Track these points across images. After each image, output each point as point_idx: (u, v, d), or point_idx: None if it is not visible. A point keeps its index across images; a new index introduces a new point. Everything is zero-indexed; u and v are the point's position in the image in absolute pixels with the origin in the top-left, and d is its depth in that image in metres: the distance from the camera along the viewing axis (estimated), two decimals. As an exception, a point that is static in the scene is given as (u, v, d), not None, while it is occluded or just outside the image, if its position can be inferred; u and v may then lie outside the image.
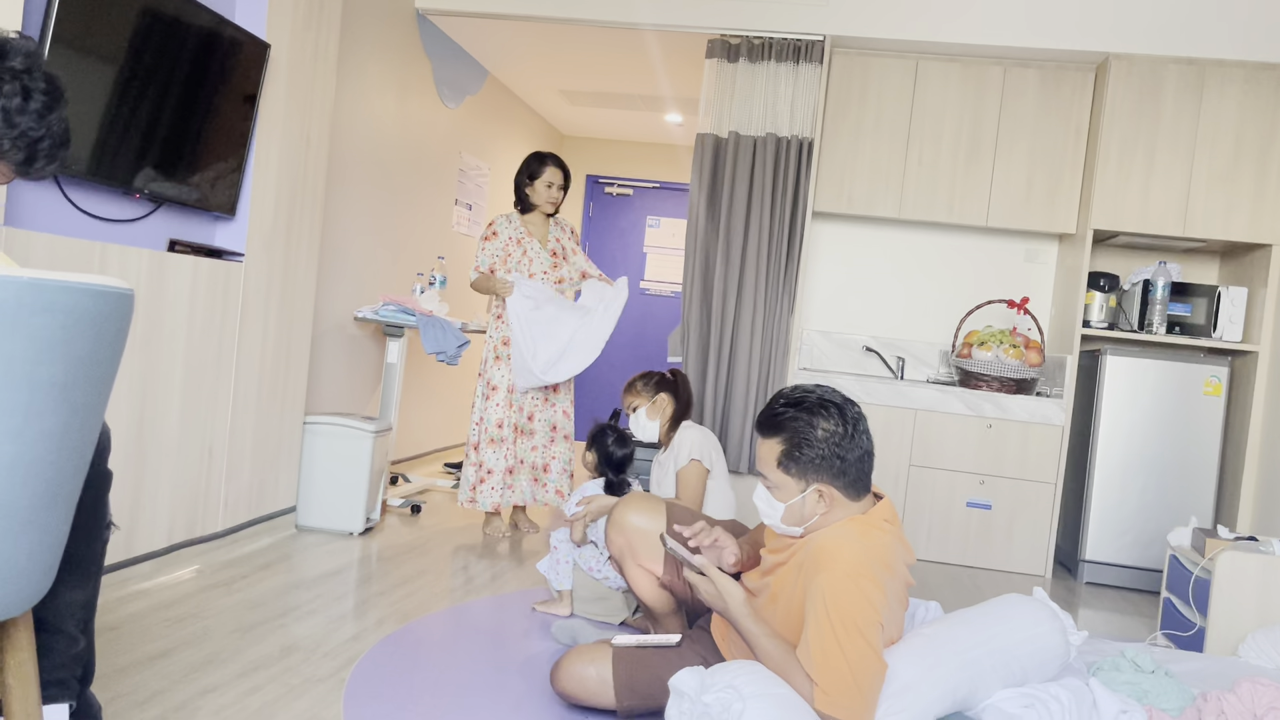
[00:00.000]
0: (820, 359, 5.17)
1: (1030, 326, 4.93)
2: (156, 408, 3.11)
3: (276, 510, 3.85)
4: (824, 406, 2.05)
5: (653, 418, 3.57)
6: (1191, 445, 4.43)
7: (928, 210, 4.77)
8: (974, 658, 2.03)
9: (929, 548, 4.61)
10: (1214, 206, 4.43)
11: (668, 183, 8.24)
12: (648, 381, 3.61)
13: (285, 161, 3.69)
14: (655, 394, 3.57)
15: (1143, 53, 4.44)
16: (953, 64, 4.75)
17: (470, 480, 4.24)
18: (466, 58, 6.00)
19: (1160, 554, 4.40)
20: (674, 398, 3.57)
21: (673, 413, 3.56)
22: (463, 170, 6.16)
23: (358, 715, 2.29)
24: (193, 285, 3.23)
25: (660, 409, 3.56)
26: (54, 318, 1.19)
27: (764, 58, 4.69)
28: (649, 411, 3.57)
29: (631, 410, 3.60)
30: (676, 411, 3.57)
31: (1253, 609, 3.04)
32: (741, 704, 1.82)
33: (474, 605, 3.25)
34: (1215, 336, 4.50)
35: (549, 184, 4.29)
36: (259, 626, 2.83)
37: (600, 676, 2.34)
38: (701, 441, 3.45)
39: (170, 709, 2.22)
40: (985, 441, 4.54)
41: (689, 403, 3.62)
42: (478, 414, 4.27)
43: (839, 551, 1.93)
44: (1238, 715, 2.27)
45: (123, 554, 3.02)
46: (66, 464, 1.30)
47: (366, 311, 4.54)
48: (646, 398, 3.57)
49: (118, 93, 2.86)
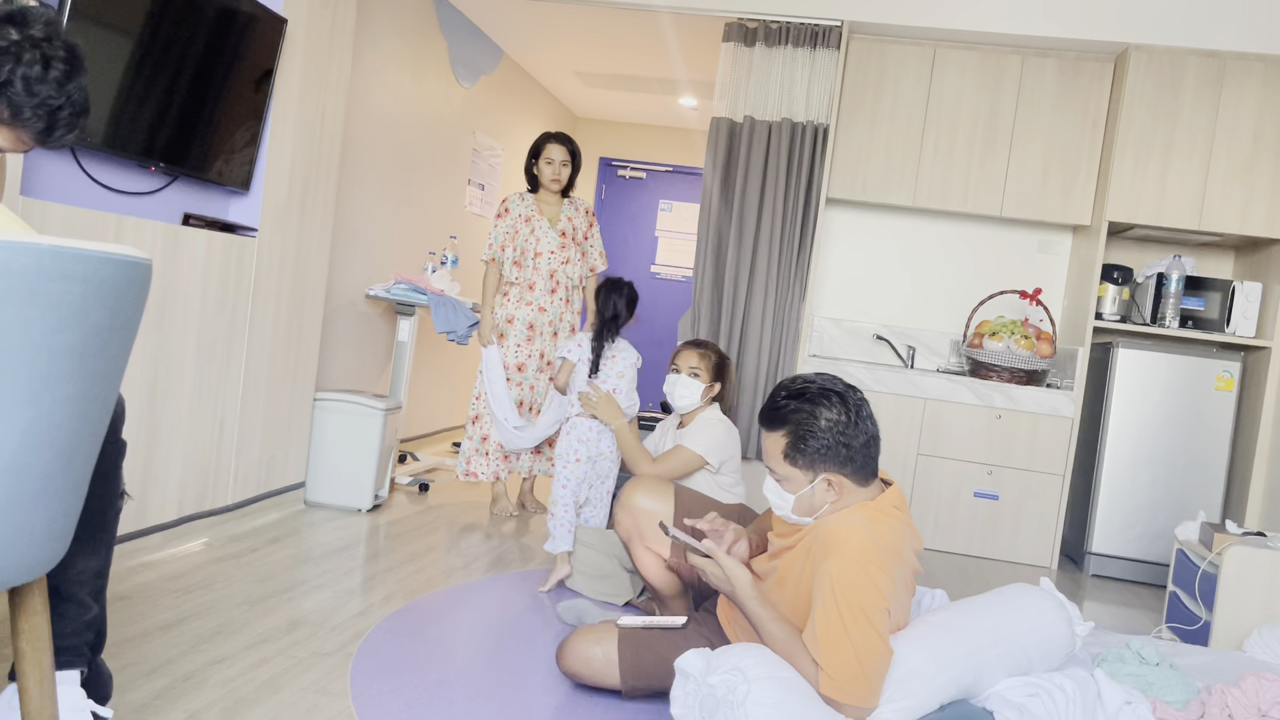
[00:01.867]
0: (830, 346, 5.16)
1: (1042, 318, 4.91)
2: (169, 381, 3.12)
3: (286, 485, 3.87)
4: (825, 396, 2.04)
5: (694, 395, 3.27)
6: (1201, 440, 4.42)
7: (942, 199, 4.75)
8: (980, 646, 2.04)
9: (936, 537, 4.61)
10: (1230, 200, 4.40)
11: (681, 166, 8.22)
12: (709, 359, 3.30)
13: (300, 138, 3.69)
14: (711, 380, 3.29)
15: (1163, 44, 4.40)
16: (970, 52, 4.72)
17: (466, 452, 4.29)
18: (482, 37, 5.98)
19: (1167, 548, 4.39)
20: (723, 388, 3.35)
21: (711, 399, 3.33)
22: (476, 150, 6.15)
23: (364, 689, 2.31)
24: (206, 259, 3.23)
25: (707, 394, 3.29)
26: (73, 285, 1.20)
27: (781, 42, 4.66)
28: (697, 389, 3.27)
29: (681, 371, 3.29)
30: (715, 398, 3.35)
31: (1259, 604, 3.04)
32: (746, 686, 1.83)
33: (480, 583, 3.27)
34: (1228, 331, 4.48)
35: (549, 160, 4.30)
36: (267, 600, 2.84)
37: (606, 657, 2.35)
38: (723, 443, 3.23)
39: (178, 679, 2.24)
40: (994, 432, 4.54)
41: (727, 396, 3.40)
42: (478, 389, 4.31)
43: (847, 537, 1.93)
44: (1242, 709, 2.27)
45: (133, 525, 3.04)
46: (83, 431, 1.31)
47: (378, 289, 4.54)
48: (705, 376, 3.27)
49: (134, 65, 2.86)
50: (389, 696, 2.28)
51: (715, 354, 3.33)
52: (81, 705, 1.69)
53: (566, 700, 2.39)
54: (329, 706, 2.20)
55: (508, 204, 4.33)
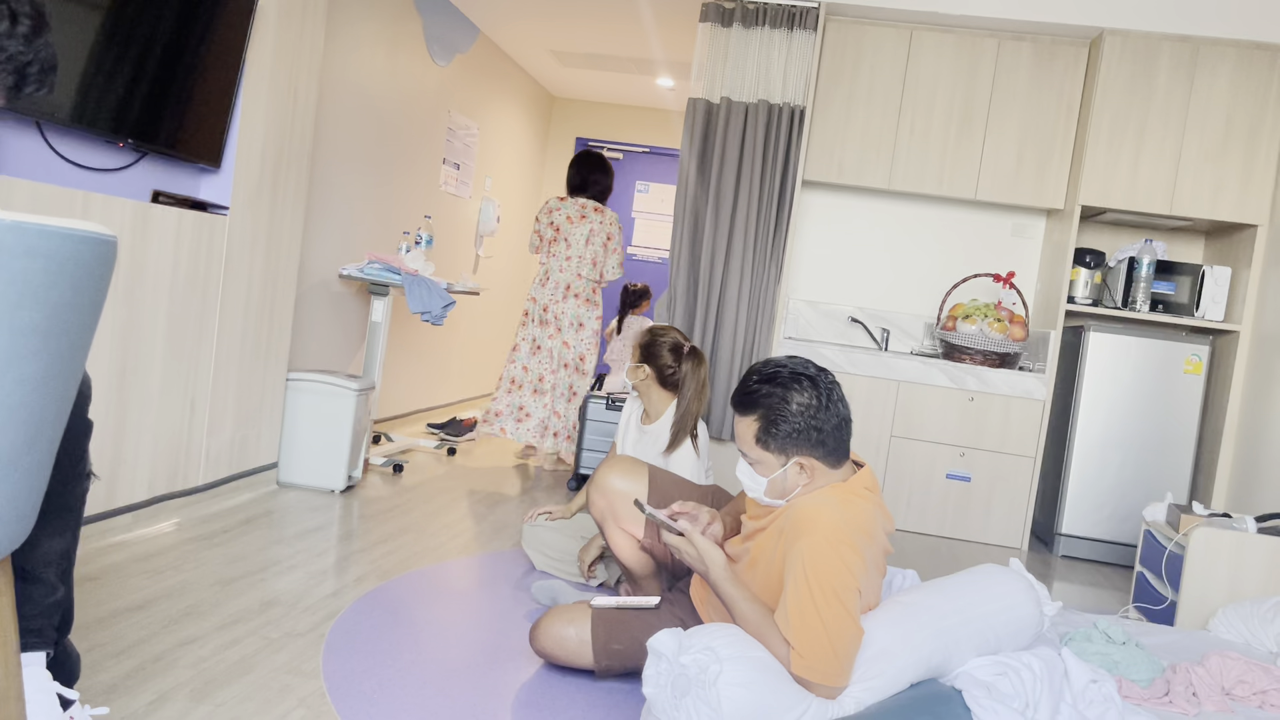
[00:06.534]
0: (805, 329, 5.17)
1: (1015, 301, 4.95)
2: (138, 360, 3.09)
3: (258, 466, 3.85)
4: (797, 380, 2.05)
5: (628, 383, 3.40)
6: (1170, 423, 4.47)
7: (918, 182, 4.76)
8: (949, 625, 2.06)
9: (908, 518, 4.64)
10: (1202, 186, 4.44)
11: (658, 147, 8.20)
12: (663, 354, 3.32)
13: (272, 115, 3.65)
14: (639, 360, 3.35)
15: (1137, 29, 4.43)
16: (947, 35, 4.72)
17: (500, 413, 4.99)
18: (457, 14, 5.93)
19: (1135, 529, 4.45)
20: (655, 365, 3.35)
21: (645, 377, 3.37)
22: (451, 129, 6.10)
23: (336, 670, 2.30)
24: (176, 237, 3.19)
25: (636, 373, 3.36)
26: (35, 261, 1.18)
27: (758, 23, 4.65)
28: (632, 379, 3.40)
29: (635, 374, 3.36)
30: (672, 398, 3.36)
31: (1224, 584, 3.09)
32: (718, 666, 1.84)
33: (454, 564, 3.26)
34: (1198, 315, 4.53)
35: None
36: (239, 580, 2.83)
37: (579, 637, 2.36)
38: (704, 455, 3.25)
39: (148, 659, 2.23)
40: (966, 414, 4.57)
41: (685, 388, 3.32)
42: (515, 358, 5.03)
43: (819, 518, 1.94)
44: (1206, 687, 2.31)
45: (103, 505, 3.01)
46: (47, 410, 1.29)
47: (352, 269, 4.51)
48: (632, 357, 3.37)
49: (102, 38, 2.81)
50: (361, 677, 2.28)
51: (646, 334, 3.39)
52: (47, 687, 1.67)
53: (539, 680, 2.39)
54: (301, 687, 2.19)
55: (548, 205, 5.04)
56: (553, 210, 4.98)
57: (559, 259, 4.95)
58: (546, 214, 4.98)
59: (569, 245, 4.93)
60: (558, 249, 4.95)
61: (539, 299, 4.97)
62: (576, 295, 4.94)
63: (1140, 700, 2.26)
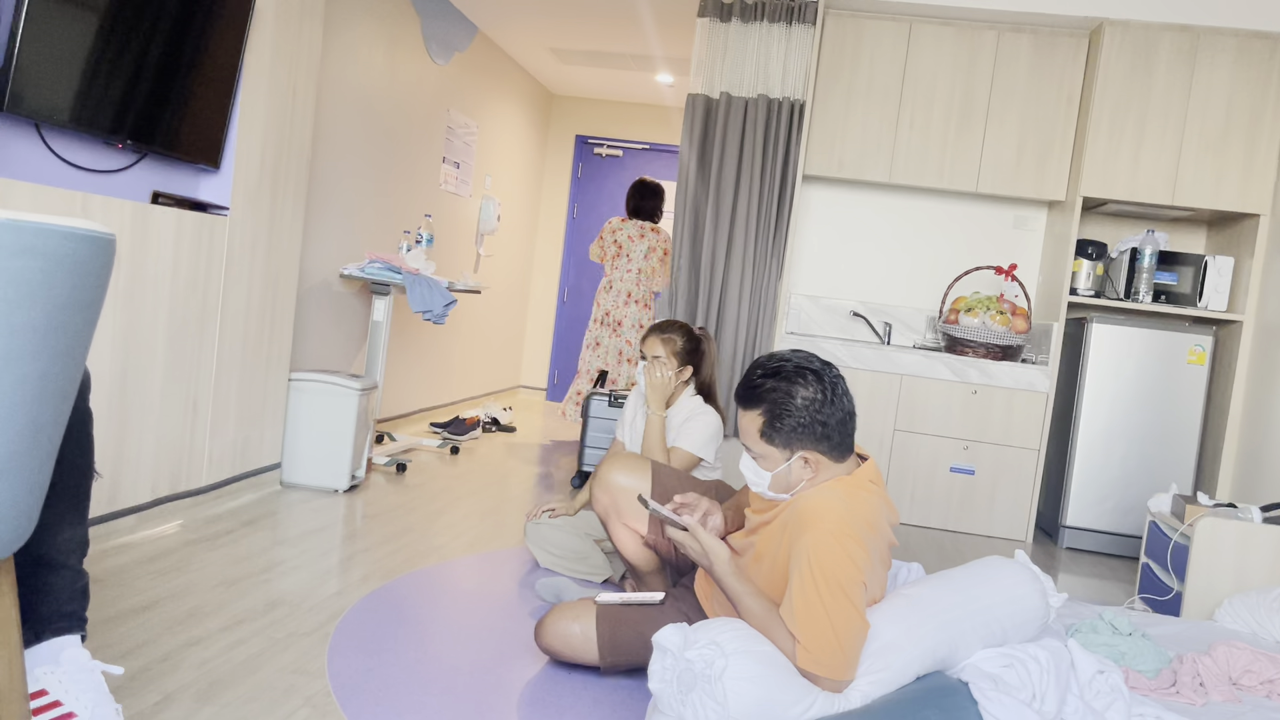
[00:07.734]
0: (807, 323, 5.17)
1: (1017, 293, 4.94)
2: (140, 362, 3.08)
3: (261, 466, 3.84)
4: (801, 374, 2.04)
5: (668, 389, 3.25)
6: (1174, 413, 4.46)
7: (918, 175, 4.75)
8: (955, 618, 2.05)
9: (912, 512, 4.64)
10: (1203, 175, 4.43)
11: (658, 144, 8.18)
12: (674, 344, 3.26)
13: (271, 114, 3.65)
14: (680, 364, 3.26)
15: (1137, 19, 4.41)
16: (946, 27, 4.71)
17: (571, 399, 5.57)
18: (455, 13, 5.92)
19: (1140, 520, 4.44)
20: (698, 369, 3.31)
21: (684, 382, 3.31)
22: (450, 128, 6.09)
23: (342, 669, 2.30)
24: (176, 238, 3.19)
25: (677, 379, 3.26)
26: (33, 261, 1.17)
27: (757, 18, 4.64)
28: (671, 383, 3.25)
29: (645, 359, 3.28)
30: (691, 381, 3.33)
31: (1230, 574, 3.08)
32: (724, 660, 1.83)
33: (458, 563, 3.26)
34: (1201, 306, 4.52)
35: None
36: (243, 581, 2.83)
37: (584, 633, 2.35)
38: (714, 436, 3.20)
39: (154, 660, 2.23)
40: (970, 407, 4.56)
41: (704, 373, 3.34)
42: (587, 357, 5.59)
43: (824, 511, 1.93)
44: (1213, 677, 2.30)
45: (106, 507, 3.01)
46: (46, 410, 1.28)
47: (352, 269, 4.50)
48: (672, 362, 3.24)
49: (101, 40, 2.80)
50: (366, 676, 2.28)
51: (682, 337, 3.26)
52: (89, 665, 1.70)
53: (545, 677, 2.39)
54: (306, 686, 2.19)
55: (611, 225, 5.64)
56: (616, 230, 5.65)
57: (621, 270, 5.61)
58: (611, 233, 5.66)
59: (630, 260, 5.59)
60: (620, 263, 5.61)
61: (603, 304, 5.64)
62: (636, 301, 5.60)
63: (1147, 691, 2.25)
